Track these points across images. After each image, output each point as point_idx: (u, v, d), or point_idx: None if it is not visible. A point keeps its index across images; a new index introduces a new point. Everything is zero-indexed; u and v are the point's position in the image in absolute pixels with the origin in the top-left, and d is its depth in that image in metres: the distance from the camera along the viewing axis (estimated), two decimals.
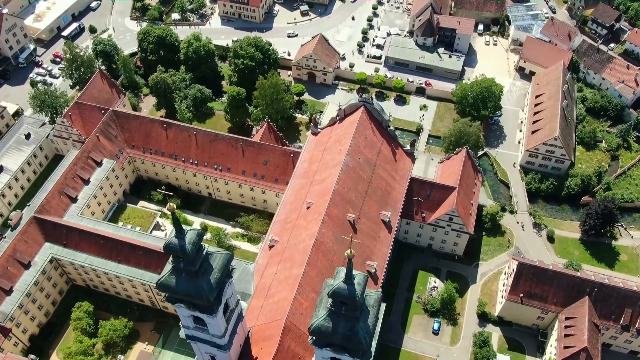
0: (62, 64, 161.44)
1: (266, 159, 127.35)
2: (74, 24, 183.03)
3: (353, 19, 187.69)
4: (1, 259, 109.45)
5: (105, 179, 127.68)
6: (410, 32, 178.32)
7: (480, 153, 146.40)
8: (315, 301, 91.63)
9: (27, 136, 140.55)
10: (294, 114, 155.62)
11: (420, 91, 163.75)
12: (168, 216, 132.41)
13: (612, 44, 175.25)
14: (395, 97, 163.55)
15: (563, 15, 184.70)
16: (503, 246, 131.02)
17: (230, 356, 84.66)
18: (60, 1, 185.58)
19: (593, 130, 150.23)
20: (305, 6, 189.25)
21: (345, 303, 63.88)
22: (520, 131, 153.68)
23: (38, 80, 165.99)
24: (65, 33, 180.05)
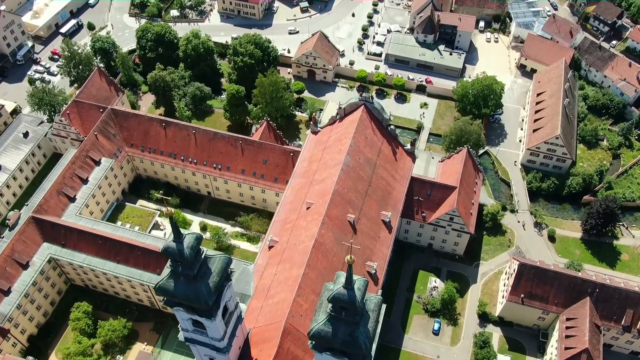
0: (61, 62, 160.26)
1: (266, 158, 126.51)
2: (72, 21, 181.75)
3: (353, 15, 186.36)
4: None
5: (104, 178, 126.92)
6: (411, 29, 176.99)
7: (481, 151, 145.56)
8: (315, 303, 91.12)
9: (25, 134, 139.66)
10: (294, 112, 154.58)
11: (420, 89, 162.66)
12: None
13: (614, 41, 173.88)
14: (395, 95, 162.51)
15: (565, 12, 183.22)
16: (504, 246, 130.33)
17: (230, 358, 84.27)
18: None
19: (594, 128, 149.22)
20: (305, 3, 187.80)
21: (345, 308, 63.28)
22: (522, 129, 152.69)
23: (36, 77, 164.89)
24: (63, 30, 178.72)
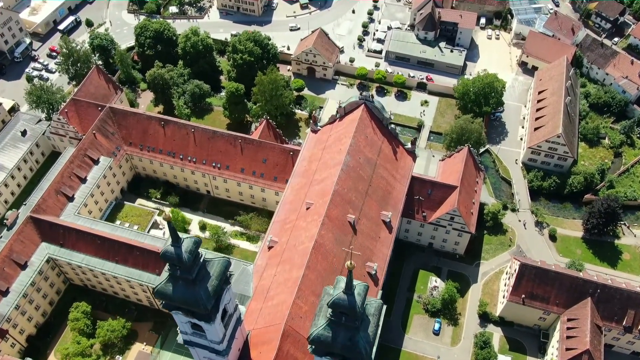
0: (59, 59, 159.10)
1: (265, 156, 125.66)
2: (71, 18, 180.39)
3: (353, 12, 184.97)
4: None
5: (103, 177, 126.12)
6: (412, 26, 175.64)
7: (482, 150, 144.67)
8: (314, 305, 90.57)
9: (23, 133, 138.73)
10: (294, 110, 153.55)
11: (421, 86, 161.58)
12: (168, 210, 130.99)
13: (616, 38, 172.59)
14: (396, 93, 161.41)
15: (566, 8, 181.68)
16: (505, 245, 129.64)
17: None
18: None
19: (596, 126, 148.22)
20: None
21: (345, 313, 62.65)
22: (523, 127, 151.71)
23: (34, 75, 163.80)
24: (61, 27, 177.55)
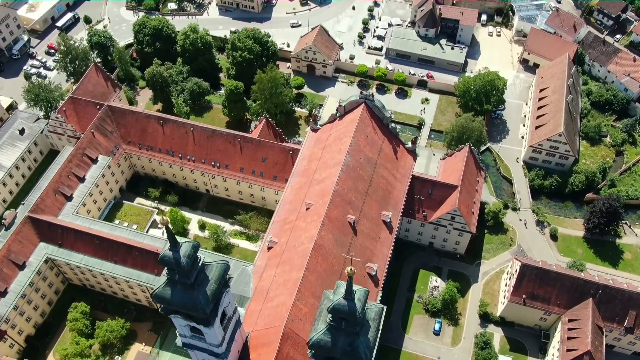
0: (57, 56, 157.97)
1: (265, 156, 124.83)
2: (69, 14, 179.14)
3: (354, 8, 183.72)
4: None
5: (101, 176, 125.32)
6: (412, 23, 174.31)
7: (482, 148, 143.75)
8: (314, 306, 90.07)
9: (22, 131, 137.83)
10: (293, 107, 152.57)
11: (422, 84, 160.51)
12: (165, 213, 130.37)
13: (618, 35, 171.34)
14: (396, 90, 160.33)
15: (568, 5, 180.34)
16: (505, 244, 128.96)
17: None
18: None
19: (598, 124, 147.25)
20: None
21: (345, 319, 62.00)
22: (524, 125, 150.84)
23: (32, 72, 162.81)
24: (59, 24, 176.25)
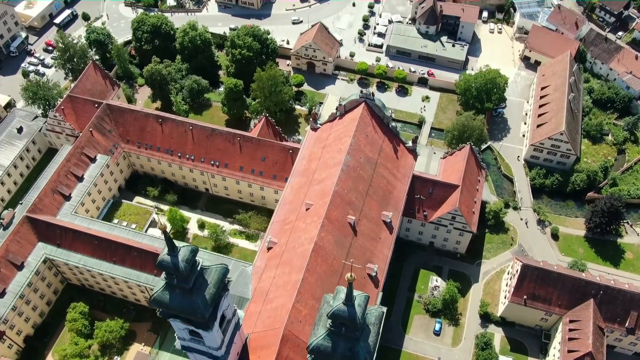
0: (55, 53, 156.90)
1: (264, 155, 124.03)
2: (67, 11, 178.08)
3: (354, 5, 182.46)
4: None
5: (100, 176, 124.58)
6: (413, 20, 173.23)
7: (483, 147, 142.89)
8: (314, 308, 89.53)
9: (20, 130, 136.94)
10: (293, 105, 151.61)
11: (422, 82, 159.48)
12: (165, 212, 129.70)
13: (620, 32, 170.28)
14: (397, 88, 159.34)
15: (570, 2, 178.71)
16: (506, 244, 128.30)
17: None
18: None
19: (599, 123, 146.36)
20: None
21: (345, 324, 61.36)
22: (525, 124, 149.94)
23: (30, 70, 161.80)
24: (57, 20, 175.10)
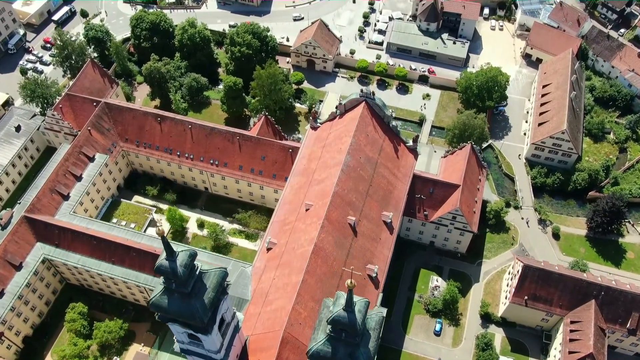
0: (53, 51, 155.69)
1: (264, 154, 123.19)
2: (65, 8, 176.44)
3: (354, 1, 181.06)
4: None
5: (98, 175, 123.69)
6: (414, 17, 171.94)
7: (484, 145, 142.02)
8: (314, 310, 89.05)
9: (18, 128, 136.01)
10: (293, 103, 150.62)
11: (423, 79, 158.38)
12: (164, 212, 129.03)
13: (623, 30, 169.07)
14: (397, 86, 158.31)
15: None
16: (507, 243, 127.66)
17: None
18: None
19: (601, 121, 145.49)
20: None
21: (345, 330, 60.76)
22: (526, 122, 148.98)
23: (28, 67, 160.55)
24: (55, 17, 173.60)
